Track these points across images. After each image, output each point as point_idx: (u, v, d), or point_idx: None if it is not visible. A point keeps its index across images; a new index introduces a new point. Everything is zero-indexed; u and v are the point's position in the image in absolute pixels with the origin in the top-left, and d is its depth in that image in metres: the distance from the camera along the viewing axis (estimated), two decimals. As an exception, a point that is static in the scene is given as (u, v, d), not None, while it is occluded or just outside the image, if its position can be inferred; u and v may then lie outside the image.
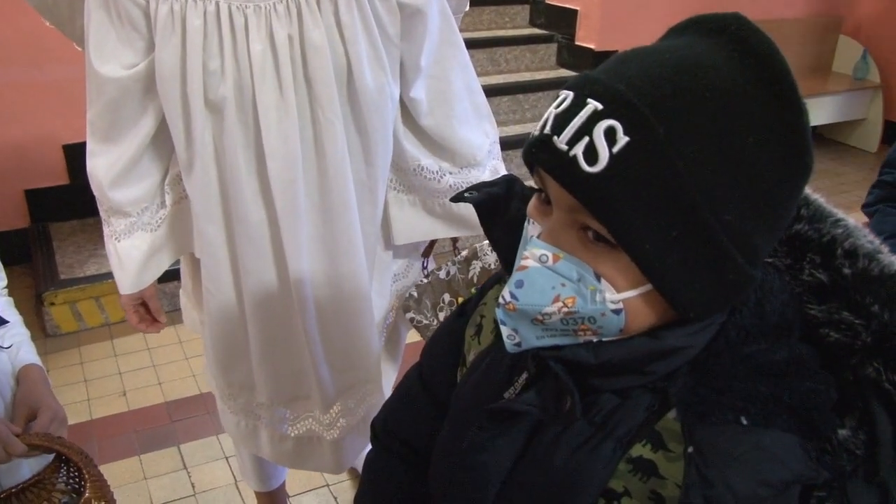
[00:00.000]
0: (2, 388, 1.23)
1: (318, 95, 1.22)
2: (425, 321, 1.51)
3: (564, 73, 4.35)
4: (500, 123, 4.10)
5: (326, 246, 1.33)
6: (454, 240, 1.65)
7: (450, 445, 0.78)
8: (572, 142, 0.56)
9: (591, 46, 4.21)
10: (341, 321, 1.40)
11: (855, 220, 0.68)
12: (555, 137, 0.57)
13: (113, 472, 2.13)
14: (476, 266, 1.66)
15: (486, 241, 1.67)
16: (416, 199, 1.49)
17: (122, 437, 2.31)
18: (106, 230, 1.36)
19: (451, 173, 1.45)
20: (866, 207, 1.71)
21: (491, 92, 4.08)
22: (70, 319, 2.82)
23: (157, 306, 1.45)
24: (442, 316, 1.60)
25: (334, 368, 1.44)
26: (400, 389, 0.96)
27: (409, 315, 1.50)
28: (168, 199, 1.36)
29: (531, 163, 0.61)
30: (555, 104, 0.59)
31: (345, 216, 1.31)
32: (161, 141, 1.29)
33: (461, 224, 1.51)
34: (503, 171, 1.52)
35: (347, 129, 1.27)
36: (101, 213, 1.35)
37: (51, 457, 1.24)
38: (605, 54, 3.65)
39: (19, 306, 1.41)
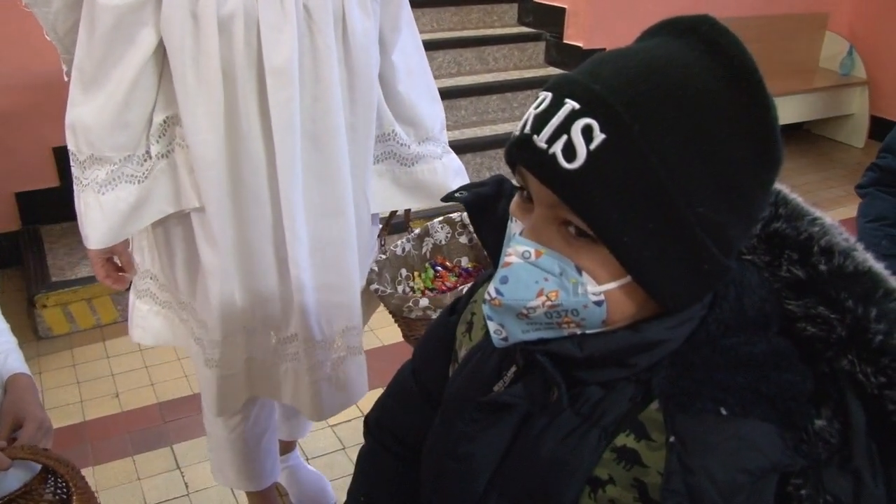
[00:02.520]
0: None
1: (317, 22, 1.30)
2: (389, 290, 1.59)
3: (553, 71, 4.36)
4: (488, 122, 4.12)
5: (316, 173, 1.40)
6: (407, 219, 1.77)
7: (441, 438, 0.80)
8: (551, 140, 0.58)
9: (580, 45, 4.23)
10: (327, 248, 1.46)
11: (832, 218, 0.70)
12: (534, 136, 0.60)
13: (106, 474, 2.14)
14: (428, 242, 1.77)
15: (437, 220, 1.76)
16: (385, 168, 1.59)
17: (115, 439, 2.31)
18: (79, 187, 1.34)
19: (415, 144, 1.58)
20: (859, 189, 1.77)
21: (480, 90, 4.11)
22: (62, 321, 2.82)
23: (127, 258, 1.47)
24: (400, 289, 1.68)
25: (320, 298, 1.49)
26: (393, 385, 0.98)
27: (374, 287, 1.58)
28: (153, 151, 1.36)
29: (513, 162, 0.64)
30: (534, 105, 0.62)
31: (334, 144, 1.39)
32: (147, 84, 1.31)
33: (424, 194, 1.63)
34: (451, 151, 1.66)
35: (339, 64, 1.35)
36: (76, 169, 1.34)
37: (38, 466, 1.24)
38: (594, 52, 3.67)
39: (11, 309, 1.41)
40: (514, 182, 0.68)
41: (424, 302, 1.49)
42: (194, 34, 1.25)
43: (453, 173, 1.65)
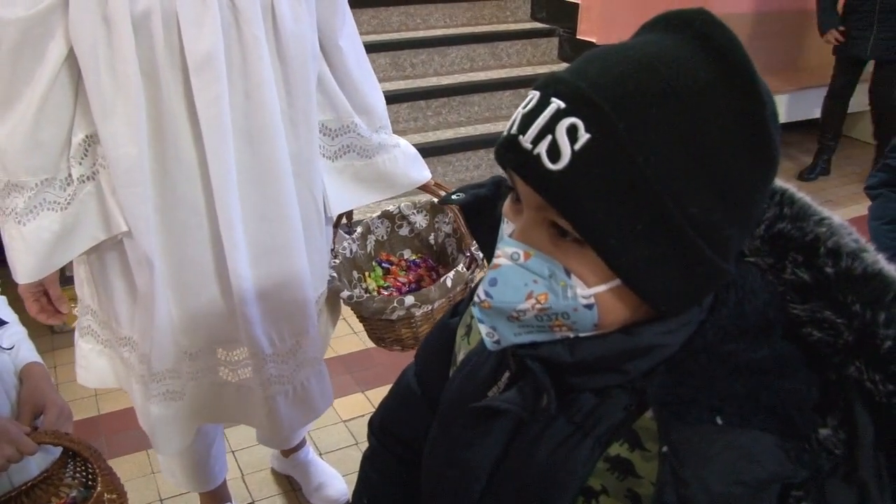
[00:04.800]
0: (7, 387, 1.25)
1: (242, 12, 1.23)
2: (363, 296, 1.55)
3: (566, 67, 4.35)
4: (501, 118, 4.12)
5: (254, 174, 1.33)
6: (349, 219, 1.69)
7: (438, 443, 0.79)
8: (536, 140, 0.57)
9: (593, 40, 4.21)
10: (271, 255, 1.39)
11: (848, 216, 0.68)
12: (520, 137, 0.58)
13: (121, 467, 2.16)
14: (371, 240, 1.74)
15: (375, 215, 1.72)
16: (344, 165, 1.53)
17: (129, 432, 2.33)
18: (2, 217, 1.26)
19: (372, 133, 1.52)
20: (869, 189, 1.73)
21: (493, 86, 4.10)
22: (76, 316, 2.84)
23: (58, 293, 1.39)
24: (356, 292, 1.63)
25: (266, 310, 1.42)
26: (396, 388, 0.98)
27: (345, 294, 1.53)
28: (75, 174, 1.27)
29: (502, 163, 0.63)
30: (522, 105, 0.61)
31: (271, 141, 1.31)
32: (59, 100, 1.22)
33: (386, 185, 1.58)
34: (400, 137, 1.60)
35: (270, 56, 1.28)
36: None
37: (58, 453, 1.26)
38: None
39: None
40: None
41: (410, 300, 1.46)
42: (107, 39, 1.17)
43: (412, 160, 1.59)
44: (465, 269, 1.51)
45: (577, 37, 4.31)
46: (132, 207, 1.27)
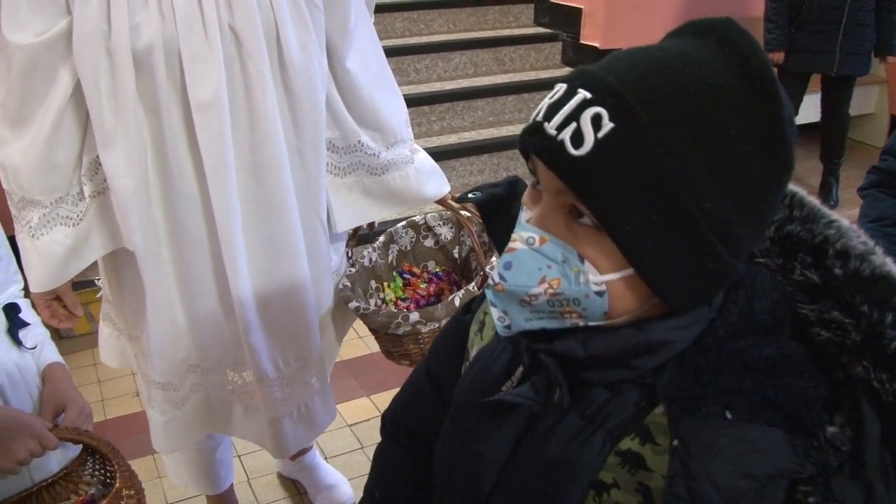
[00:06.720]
0: (29, 386, 1.29)
1: (246, 47, 1.22)
2: (372, 307, 1.53)
3: (569, 71, 4.36)
4: (505, 122, 4.12)
5: (259, 206, 1.33)
6: (371, 229, 1.68)
7: (450, 437, 0.80)
8: (561, 127, 0.59)
9: (596, 45, 4.22)
10: (275, 284, 1.39)
11: (851, 219, 0.69)
12: (545, 123, 0.61)
13: (127, 471, 2.17)
14: (394, 249, 1.71)
15: (400, 225, 1.72)
16: (353, 181, 1.50)
17: (136, 437, 2.33)
18: (18, 227, 1.30)
19: (384, 150, 1.49)
20: (860, 190, 1.79)
21: (496, 91, 4.11)
22: (83, 321, 2.85)
23: (73, 300, 1.43)
24: (372, 302, 1.62)
25: (270, 336, 1.43)
26: (409, 384, 1.00)
27: (353, 305, 1.51)
28: (86, 190, 1.29)
29: (525, 150, 0.65)
30: (549, 95, 0.63)
31: (276, 174, 1.31)
32: (71, 123, 1.24)
33: (398, 201, 1.54)
34: (417, 146, 1.57)
35: (276, 88, 1.28)
36: (12, 208, 1.30)
37: (78, 451, 1.29)
38: (610, 52, 3.67)
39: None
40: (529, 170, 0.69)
41: (415, 316, 1.44)
42: (109, 72, 1.17)
43: (426, 176, 1.56)
44: (475, 289, 1.49)
45: (581, 41, 4.32)
46: (131, 235, 1.29)
